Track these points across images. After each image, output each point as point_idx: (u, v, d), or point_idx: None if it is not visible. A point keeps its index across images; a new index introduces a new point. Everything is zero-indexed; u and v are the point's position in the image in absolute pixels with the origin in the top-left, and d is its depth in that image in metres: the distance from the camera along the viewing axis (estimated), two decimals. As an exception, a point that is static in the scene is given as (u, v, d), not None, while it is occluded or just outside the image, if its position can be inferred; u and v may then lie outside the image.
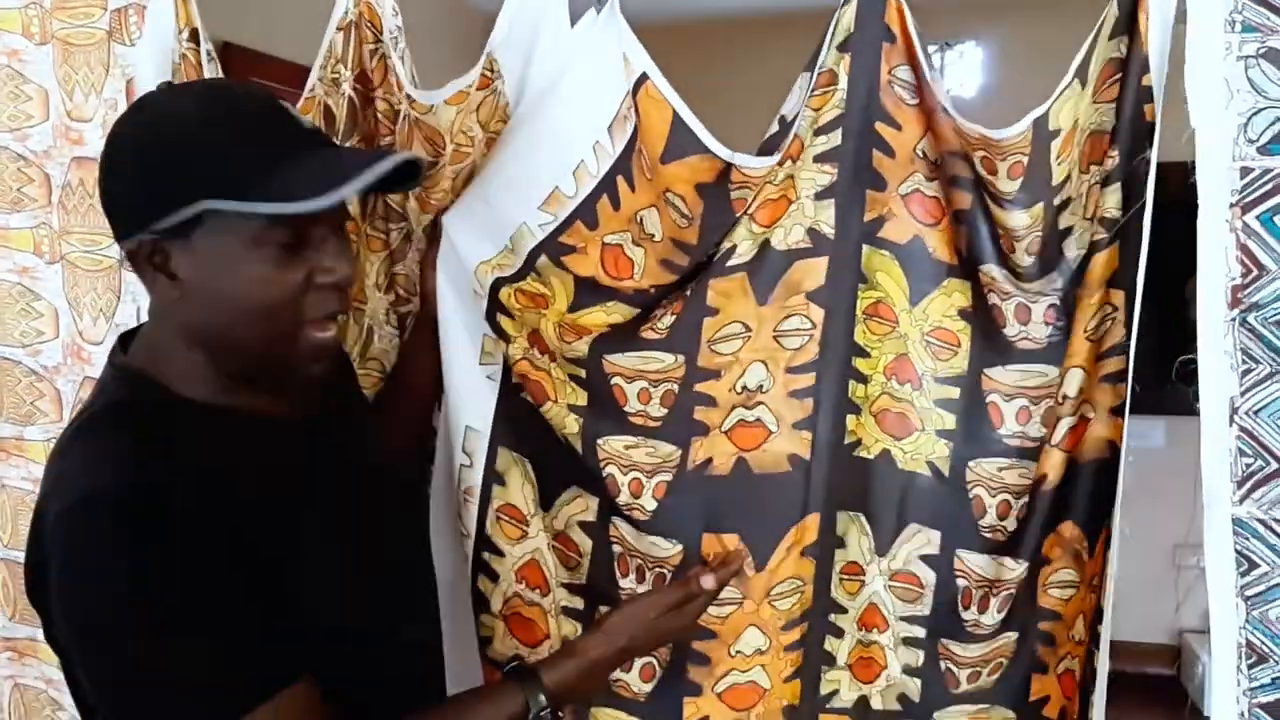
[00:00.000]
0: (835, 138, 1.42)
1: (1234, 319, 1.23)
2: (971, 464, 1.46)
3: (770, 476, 1.49)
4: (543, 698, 1.20)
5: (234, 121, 1.08)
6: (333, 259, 1.11)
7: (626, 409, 1.50)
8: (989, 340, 1.45)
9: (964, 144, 1.36)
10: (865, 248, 1.45)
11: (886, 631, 1.53)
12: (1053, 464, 1.41)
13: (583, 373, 1.51)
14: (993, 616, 1.47)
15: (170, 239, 1.07)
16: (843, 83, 1.40)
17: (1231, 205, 1.20)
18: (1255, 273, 1.21)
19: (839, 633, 1.55)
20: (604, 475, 1.51)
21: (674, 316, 1.49)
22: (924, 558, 1.51)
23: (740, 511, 1.49)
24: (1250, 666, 1.28)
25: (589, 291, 1.51)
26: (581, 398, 1.52)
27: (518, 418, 1.57)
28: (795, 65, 1.45)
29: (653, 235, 1.49)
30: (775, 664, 1.53)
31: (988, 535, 1.47)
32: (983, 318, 1.44)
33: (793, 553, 1.50)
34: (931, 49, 1.37)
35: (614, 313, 1.51)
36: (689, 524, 1.48)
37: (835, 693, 1.56)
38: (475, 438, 1.58)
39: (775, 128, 1.45)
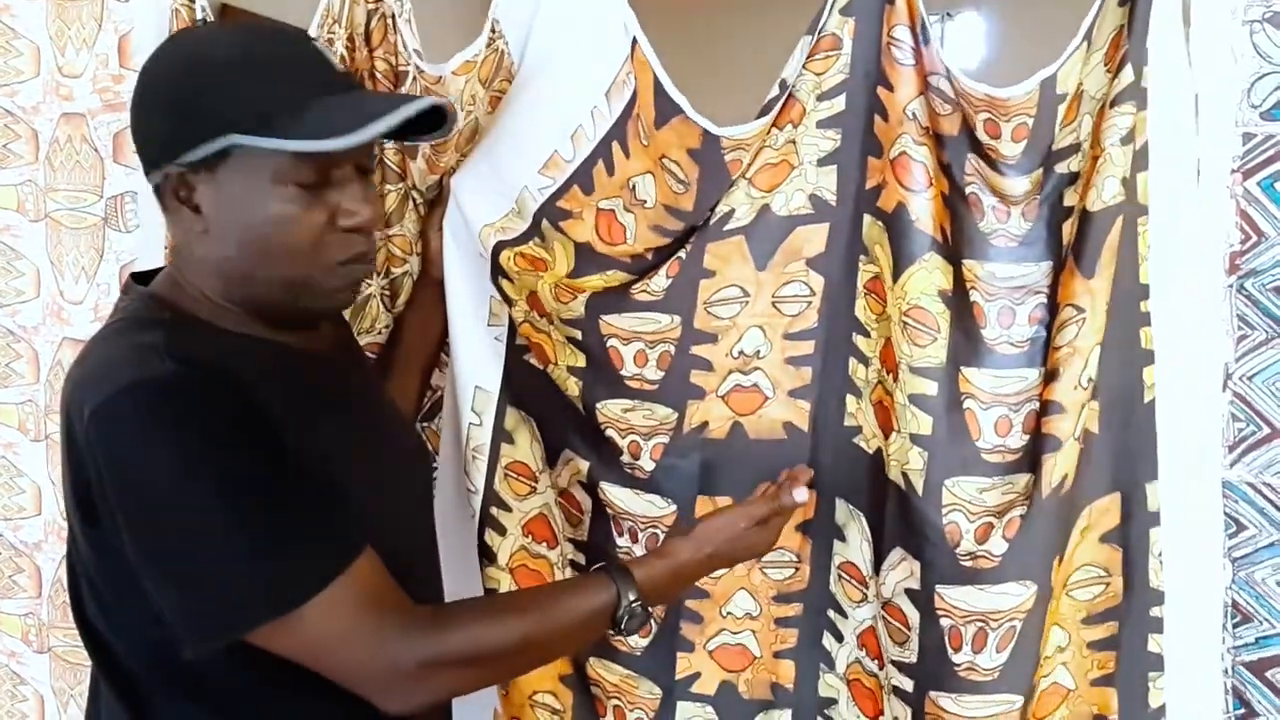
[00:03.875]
0: (839, 103, 1.42)
1: (1231, 285, 1.25)
2: (949, 483, 1.37)
3: (765, 442, 1.48)
4: (633, 592, 1.19)
5: (268, 59, 1.09)
6: (354, 202, 1.11)
7: (623, 372, 1.50)
8: (967, 335, 1.39)
9: (966, 107, 1.35)
10: (866, 217, 1.44)
11: (884, 669, 1.48)
12: (1070, 462, 1.34)
13: (579, 334, 1.50)
14: (991, 657, 1.36)
15: (196, 172, 1.08)
16: (846, 47, 1.40)
17: (1233, 171, 1.22)
18: (1254, 239, 1.24)
19: (839, 636, 1.52)
20: (605, 436, 1.51)
21: (669, 279, 1.48)
22: (909, 592, 1.43)
23: (735, 475, 1.48)
24: (1235, 625, 1.31)
25: (587, 258, 1.51)
26: (580, 359, 1.51)
27: (524, 378, 1.58)
28: (797, 29, 1.44)
29: (644, 201, 1.49)
30: (765, 634, 1.53)
31: (966, 564, 1.37)
32: (962, 307, 1.39)
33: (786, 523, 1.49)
34: (932, 19, 1.37)
35: (613, 281, 1.51)
36: (684, 485, 1.48)
37: (834, 702, 1.52)
38: (484, 397, 1.58)
39: (775, 91, 1.44)
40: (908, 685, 1.43)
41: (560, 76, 1.49)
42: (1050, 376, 1.35)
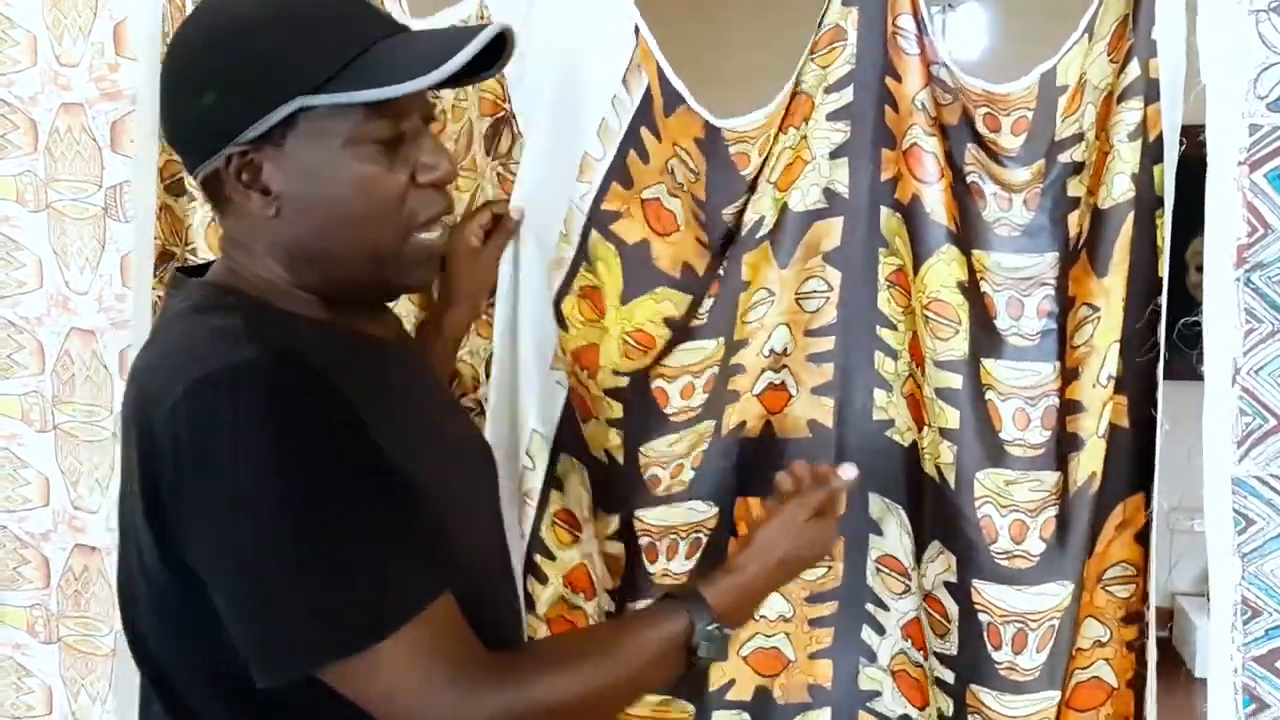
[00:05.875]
0: (847, 94, 1.40)
1: (1239, 278, 1.23)
2: (980, 475, 1.37)
3: (791, 441, 1.47)
4: (706, 615, 1.07)
5: (314, 11, 1.00)
6: (432, 154, 1.03)
7: (668, 410, 1.46)
8: (983, 326, 1.38)
9: (965, 100, 1.34)
10: (884, 210, 1.42)
11: (928, 660, 1.48)
12: (1095, 460, 1.34)
13: (624, 383, 1.46)
14: (1031, 657, 1.36)
15: (261, 149, 0.99)
16: (851, 38, 1.38)
17: (1240, 163, 1.20)
18: (1261, 231, 1.21)
19: (879, 629, 1.50)
20: (645, 478, 1.47)
21: (712, 299, 1.46)
22: (947, 585, 1.43)
23: (764, 475, 1.42)
24: (1245, 622, 1.28)
25: (635, 269, 1.46)
26: (617, 410, 1.47)
27: (580, 425, 1.53)
28: (802, 24, 1.43)
29: (682, 185, 1.46)
30: (799, 635, 1.52)
31: (1003, 563, 1.37)
32: (976, 298, 1.39)
33: None
34: (934, 10, 1.34)
35: (663, 299, 1.47)
36: (723, 487, 1.46)
37: (878, 694, 1.51)
38: (539, 441, 1.53)
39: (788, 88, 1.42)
40: (949, 677, 1.44)
41: (572, 71, 1.44)
42: (1071, 375, 1.35)
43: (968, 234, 1.38)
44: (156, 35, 1.54)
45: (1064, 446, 1.35)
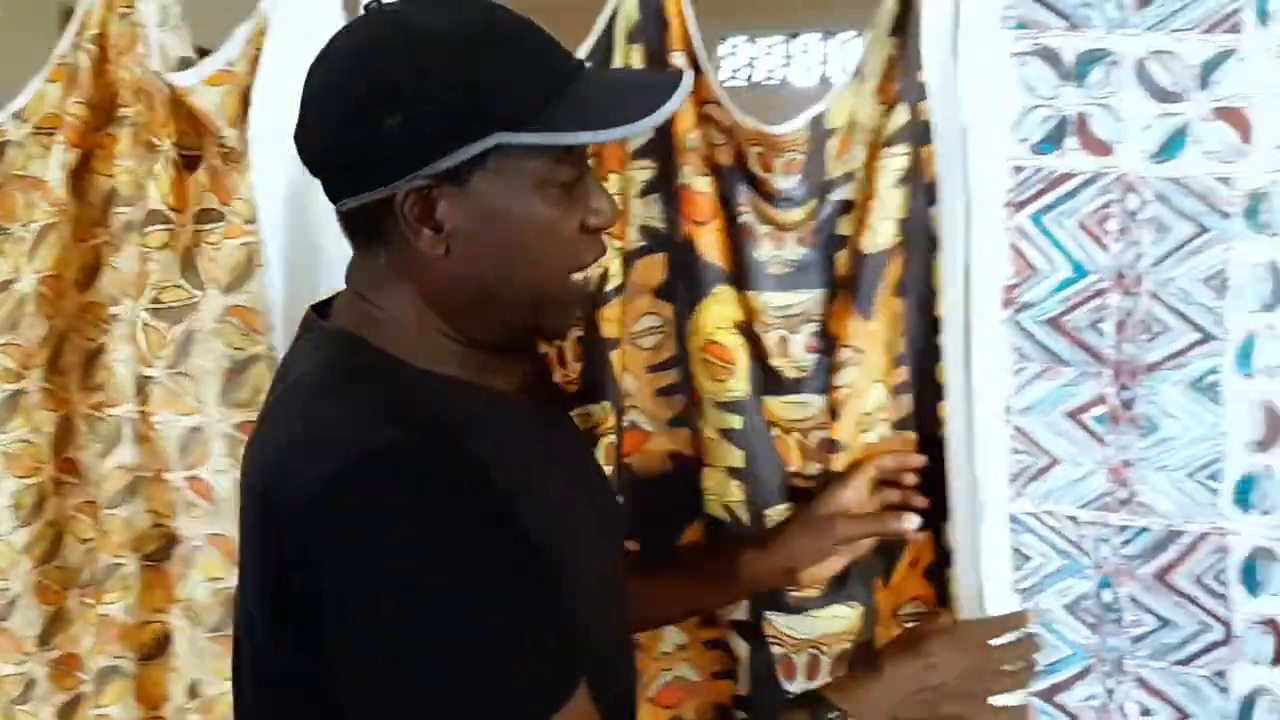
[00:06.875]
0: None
1: (1006, 319, 1.24)
2: (769, 512, 1.37)
3: (653, 477, 1.45)
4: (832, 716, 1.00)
5: (515, 41, 0.93)
6: (599, 198, 0.98)
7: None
8: (759, 365, 1.37)
9: (740, 138, 1.33)
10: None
11: None
12: None
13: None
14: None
15: (442, 184, 0.91)
16: None
17: (1005, 205, 1.21)
18: (1027, 273, 1.23)
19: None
20: None
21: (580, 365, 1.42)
22: (734, 623, 1.41)
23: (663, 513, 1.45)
24: (1025, 657, 1.30)
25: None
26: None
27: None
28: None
29: None
30: (699, 658, 1.48)
31: (795, 591, 1.36)
32: (752, 337, 1.38)
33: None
34: (814, 37, 1.34)
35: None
36: None
37: None
38: None
39: None
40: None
41: None
42: (833, 415, 1.35)
43: (741, 275, 1.37)
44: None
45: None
